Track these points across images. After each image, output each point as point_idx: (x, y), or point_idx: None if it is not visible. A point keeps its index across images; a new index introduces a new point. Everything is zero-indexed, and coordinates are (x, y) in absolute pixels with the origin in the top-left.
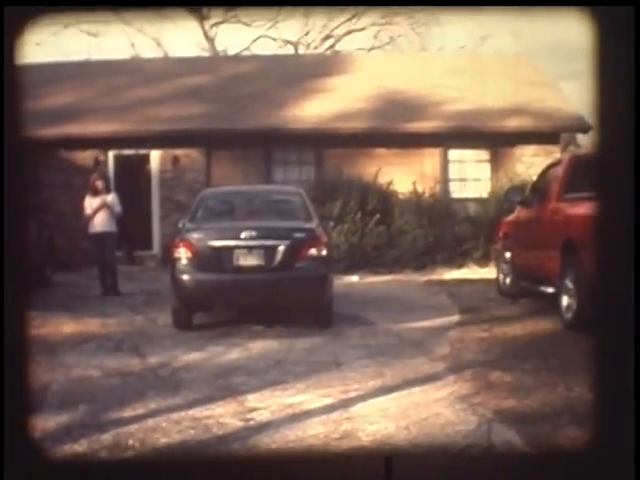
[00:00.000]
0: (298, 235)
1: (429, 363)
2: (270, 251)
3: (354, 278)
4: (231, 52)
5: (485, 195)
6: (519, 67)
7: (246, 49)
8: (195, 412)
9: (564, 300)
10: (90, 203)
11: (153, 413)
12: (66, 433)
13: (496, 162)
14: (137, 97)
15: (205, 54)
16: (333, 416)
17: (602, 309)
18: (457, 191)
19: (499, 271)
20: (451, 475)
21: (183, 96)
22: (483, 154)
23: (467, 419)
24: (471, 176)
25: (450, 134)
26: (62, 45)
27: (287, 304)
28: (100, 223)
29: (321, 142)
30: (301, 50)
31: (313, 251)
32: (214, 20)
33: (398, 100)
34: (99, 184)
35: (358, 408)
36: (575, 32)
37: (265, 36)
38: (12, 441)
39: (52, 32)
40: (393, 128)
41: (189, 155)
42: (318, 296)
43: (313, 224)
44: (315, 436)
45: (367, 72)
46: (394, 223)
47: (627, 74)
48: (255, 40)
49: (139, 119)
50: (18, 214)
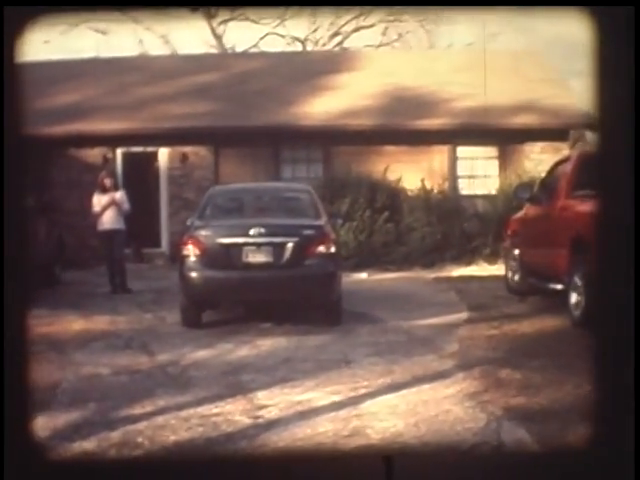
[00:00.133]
0: (307, 232)
1: (438, 360)
2: (279, 248)
3: (363, 275)
4: (239, 49)
5: (494, 192)
6: (527, 64)
7: (254, 46)
8: (204, 409)
9: (573, 297)
10: (99, 201)
11: (162, 411)
12: (75, 431)
13: (505, 159)
14: (145, 95)
15: (213, 51)
16: (342, 413)
17: (602, 308)
18: (466, 188)
19: (508, 268)
20: (453, 473)
21: (191, 94)
22: (492, 151)
23: (476, 416)
24: (480, 173)
25: (458, 131)
26: (71, 43)
27: (296, 301)
28: (109, 221)
29: (329, 139)
30: (309, 47)
31: (322, 248)
32: (222, 18)
33: (406, 97)
34: (107, 182)
35: (367, 405)
36: (583, 30)
37: (273, 33)
38: (12, 441)
39: (61, 30)
40: (402, 125)
41: (197, 153)
42: (327, 293)
43: (322, 221)
44: (324, 433)
45: (375, 69)
46: (403, 220)
47: (627, 74)
48: (263, 37)
49: (147, 117)
50: (19, 213)
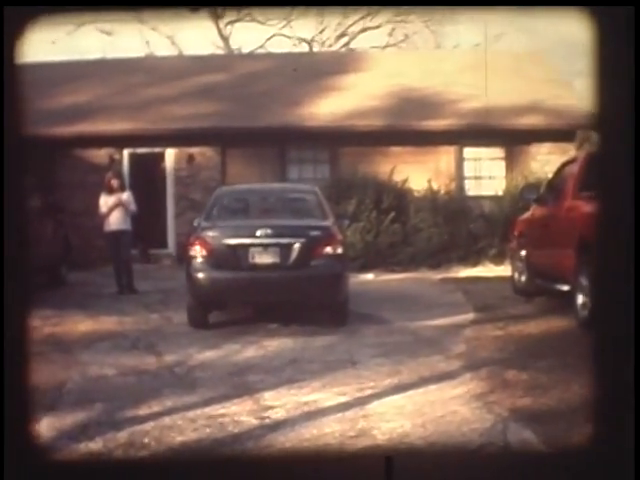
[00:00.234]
0: (313, 233)
1: (445, 361)
2: (285, 249)
3: (369, 276)
4: (246, 50)
5: (500, 193)
6: (534, 65)
7: (261, 47)
8: (211, 410)
9: (579, 298)
10: (105, 201)
11: (169, 411)
12: (82, 431)
13: (511, 160)
14: (152, 95)
15: (220, 52)
16: (349, 414)
17: (602, 307)
18: (472, 189)
19: (514, 269)
20: (454, 474)
21: (198, 94)
22: (498, 152)
23: (483, 417)
24: (486, 174)
25: (465, 132)
26: (76, 44)
27: (302, 302)
28: (115, 221)
29: (336, 140)
30: (316, 48)
31: (328, 249)
32: (229, 18)
33: (413, 98)
34: (114, 182)
35: (374, 406)
36: (585, 30)
37: (280, 34)
38: (12, 441)
39: (67, 31)
40: (408, 126)
41: (204, 153)
42: (333, 294)
43: (328, 222)
44: (331, 434)
45: (382, 70)
46: (409, 221)
47: (627, 74)
48: (270, 38)
49: (154, 117)
50: (19, 214)
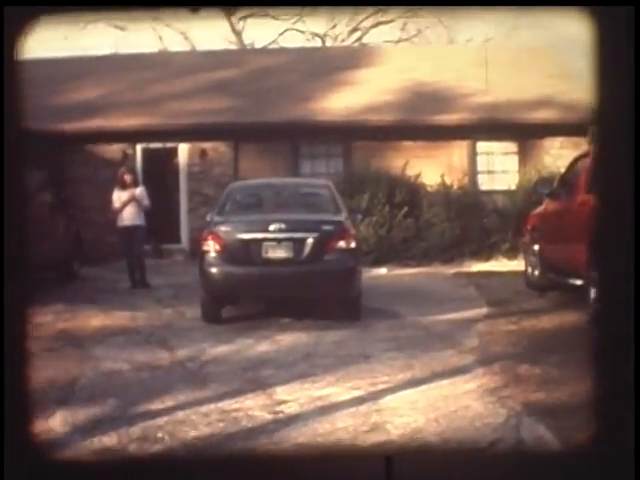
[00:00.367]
0: (327, 228)
1: (458, 356)
2: (299, 244)
3: (382, 271)
4: (258, 45)
5: (513, 187)
6: (546, 59)
7: (273, 42)
8: (224, 405)
9: (592, 292)
10: (118, 197)
11: (182, 406)
12: (95, 426)
13: (524, 154)
14: (165, 91)
15: (233, 47)
16: (362, 409)
17: (602, 308)
18: (485, 183)
19: (527, 263)
20: (451, 474)
21: (211, 89)
22: (511, 146)
23: (496, 412)
24: (499, 168)
25: (478, 126)
26: (89, 39)
27: (315, 297)
28: (128, 217)
29: (349, 135)
30: (328, 43)
31: (342, 244)
32: (241, 14)
33: (426, 92)
34: (127, 178)
35: (387, 401)
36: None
37: (292, 29)
38: (12, 441)
39: (80, 27)
40: (421, 120)
41: (217, 148)
42: (347, 289)
43: (342, 217)
44: (344, 429)
45: (395, 64)
46: (422, 216)
47: (627, 74)
48: (282, 33)
49: (167, 112)
50: (19, 213)
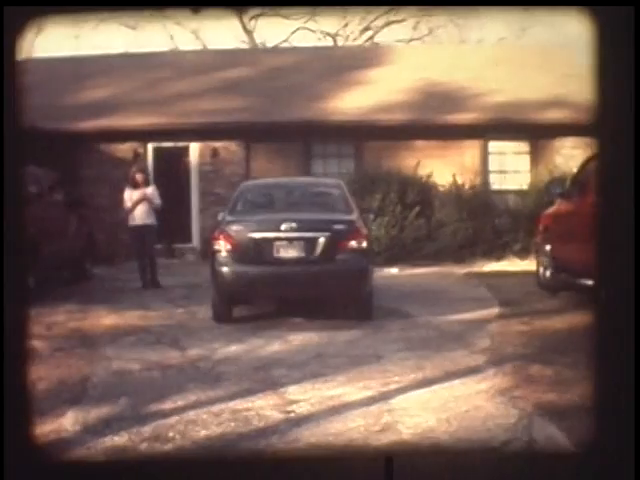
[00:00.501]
0: (338, 227)
1: (469, 356)
2: (310, 243)
3: (394, 270)
4: (270, 44)
5: (525, 187)
6: (558, 59)
7: (285, 41)
8: (235, 405)
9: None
10: (130, 196)
11: (193, 405)
12: (107, 425)
13: (536, 154)
14: (176, 90)
15: (244, 47)
16: (373, 409)
17: (602, 307)
18: (497, 183)
19: (539, 264)
20: (463, 474)
21: (222, 89)
22: (523, 146)
23: (508, 412)
24: (511, 168)
25: (490, 126)
26: (100, 38)
27: (327, 296)
28: (140, 216)
29: (361, 134)
30: (340, 42)
31: (353, 243)
32: (253, 13)
33: (438, 92)
34: (139, 177)
35: (398, 401)
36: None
37: (304, 28)
38: (12, 442)
39: (91, 26)
40: (433, 120)
41: (228, 148)
42: (358, 288)
43: (353, 216)
44: (355, 429)
45: (406, 64)
46: (434, 215)
47: (627, 74)
48: (294, 32)
49: (178, 112)
50: (18, 212)
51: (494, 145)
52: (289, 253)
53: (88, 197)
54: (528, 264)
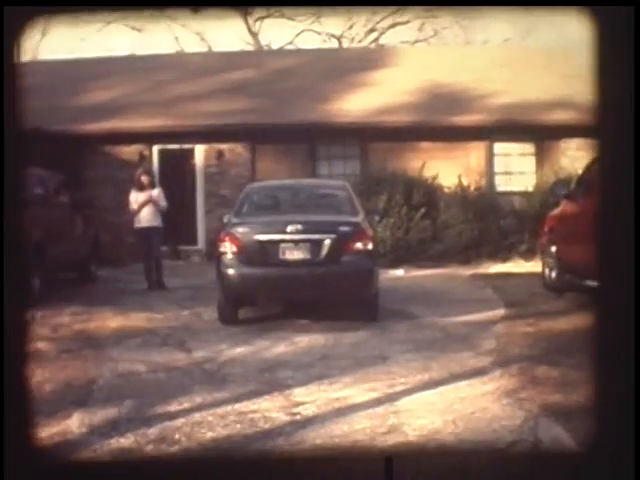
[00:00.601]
0: (344, 229)
1: (475, 357)
2: (316, 245)
3: (399, 272)
4: (275, 47)
5: (530, 189)
6: (563, 60)
7: (290, 43)
8: (241, 406)
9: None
10: (136, 198)
11: (199, 407)
12: (113, 427)
13: (541, 155)
14: (181, 92)
15: (249, 48)
16: (379, 410)
17: (602, 308)
18: (502, 185)
19: (544, 265)
20: (468, 475)
21: (227, 91)
22: (528, 147)
23: (513, 413)
24: (516, 169)
25: (495, 127)
26: (106, 41)
27: (333, 298)
28: (146, 218)
29: (366, 136)
30: (345, 44)
31: (359, 245)
32: (258, 15)
33: (443, 93)
34: (144, 179)
35: (404, 402)
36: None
37: (309, 30)
38: (12, 442)
39: (97, 28)
40: (438, 122)
41: (234, 150)
42: (364, 290)
43: (359, 218)
44: (361, 430)
45: (412, 65)
46: (439, 217)
47: (627, 74)
48: (299, 34)
49: (184, 114)
50: (19, 213)
51: (499, 146)
52: (295, 255)
53: (94, 199)
54: (534, 265)
